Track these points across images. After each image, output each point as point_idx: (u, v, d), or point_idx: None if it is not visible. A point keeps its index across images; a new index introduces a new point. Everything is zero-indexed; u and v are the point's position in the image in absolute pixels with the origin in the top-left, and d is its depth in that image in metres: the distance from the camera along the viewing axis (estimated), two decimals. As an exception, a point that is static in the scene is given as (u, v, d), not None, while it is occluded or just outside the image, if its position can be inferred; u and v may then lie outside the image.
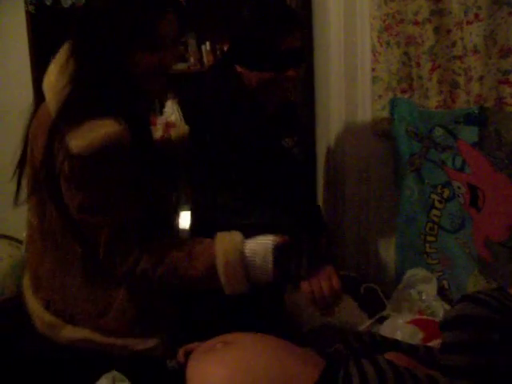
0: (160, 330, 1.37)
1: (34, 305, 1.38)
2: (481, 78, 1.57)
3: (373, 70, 1.91)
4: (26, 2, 2.93)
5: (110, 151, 1.18)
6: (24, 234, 1.50)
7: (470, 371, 0.96)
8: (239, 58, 1.56)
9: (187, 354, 1.19)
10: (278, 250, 1.28)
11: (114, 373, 1.23)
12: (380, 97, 1.91)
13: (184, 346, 1.23)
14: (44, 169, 1.23)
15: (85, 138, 1.16)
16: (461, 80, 1.64)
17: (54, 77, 1.28)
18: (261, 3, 1.56)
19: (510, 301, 1.02)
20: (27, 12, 2.93)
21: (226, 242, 1.29)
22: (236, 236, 1.30)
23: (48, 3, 2.93)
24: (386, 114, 1.89)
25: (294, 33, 1.52)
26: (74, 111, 1.21)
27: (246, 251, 1.28)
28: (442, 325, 1.03)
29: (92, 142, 1.16)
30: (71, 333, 1.33)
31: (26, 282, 1.43)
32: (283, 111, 1.67)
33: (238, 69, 1.56)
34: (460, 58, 1.63)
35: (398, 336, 1.47)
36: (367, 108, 1.96)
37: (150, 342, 1.34)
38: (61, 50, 1.33)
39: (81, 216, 1.23)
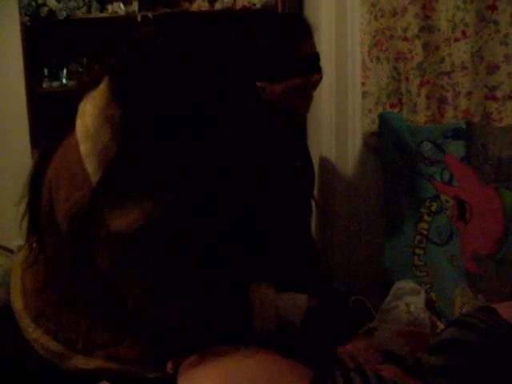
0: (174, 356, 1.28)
1: (35, 333, 1.29)
2: (468, 94, 1.61)
3: (363, 84, 1.94)
4: (20, 14, 2.95)
5: (150, 229, 1.10)
6: (15, 243, 1.47)
7: None
8: (260, 72, 1.45)
9: (176, 367, 1.19)
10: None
11: (104, 383, 1.23)
12: (370, 111, 1.93)
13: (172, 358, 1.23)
14: (73, 228, 1.14)
15: (125, 217, 1.08)
16: (449, 95, 1.68)
17: (92, 122, 1.14)
18: (268, 16, 1.52)
19: (498, 323, 1.04)
20: (22, 23, 2.95)
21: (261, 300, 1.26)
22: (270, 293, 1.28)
23: (43, 15, 2.95)
24: (375, 127, 1.91)
25: (310, 37, 1.50)
26: (117, 182, 1.10)
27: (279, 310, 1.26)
28: (430, 348, 1.04)
29: (133, 222, 1.08)
30: (83, 363, 1.26)
31: (18, 305, 1.34)
32: (293, 126, 1.62)
33: (259, 84, 1.45)
34: (448, 73, 1.67)
35: (387, 347, 1.48)
36: (357, 122, 1.98)
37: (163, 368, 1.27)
38: (100, 86, 1.17)
39: (110, 273, 1.16)
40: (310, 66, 1.47)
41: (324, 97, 2.06)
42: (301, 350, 1.27)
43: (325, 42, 2.01)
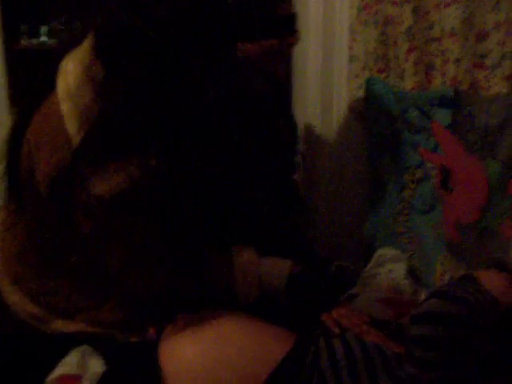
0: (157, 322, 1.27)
1: (13, 296, 1.27)
2: (457, 61, 1.59)
3: (350, 48, 1.90)
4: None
5: (133, 195, 1.06)
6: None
7: (438, 366, 0.98)
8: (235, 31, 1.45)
9: (158, 332, 1.19)
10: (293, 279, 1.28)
11: (85, 347, 1.22)
12: (357, 76, 1.90)
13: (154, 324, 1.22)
14: (54, 192, 1.11)
15: (108, 180, 1.04)
16: (437, 62, 1.66)
17: (74, 81, 1.09)
18: None
19: (479, 293, 1.05)
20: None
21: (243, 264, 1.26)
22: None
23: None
24: (362, 93, 1.89)
25: None
26: (99, 145, 1.06)
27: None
28: (412, 318, 1.05)
29: (115, 186, 1.04)
30: (62, 326, 1.25)
31: None
32: (273, 89, 1.61)
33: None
34: (437, 39, 1.65)
35: (368, 314, 1.49)
36: (343, 87, 1.96)
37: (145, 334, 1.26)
38: (84, 44, 1.12)
39: (91, 239, 1.14)
40: (286, 27, 1.44)
41: (310, 60, 2.02)
42: (284, 316, 1.28)
43: (312, 4, 1.97)
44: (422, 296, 1.62)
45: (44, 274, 1.27)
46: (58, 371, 1.18)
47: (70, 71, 1.11)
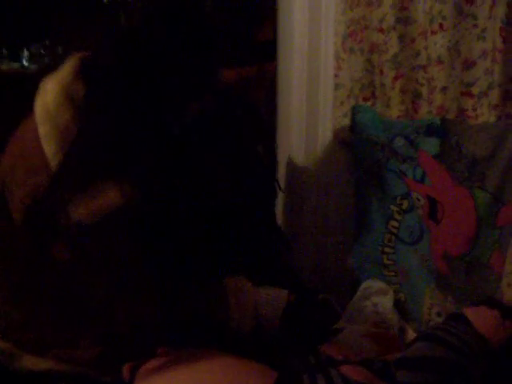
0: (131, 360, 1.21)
1: None
2: (444, 89, 1.56)
3: (335, 76, 1.88)
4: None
5: (112, 220, 1.04)
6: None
7: None
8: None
9: (133, 371, 1.12)
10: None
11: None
12: (342, 103, 1.87)
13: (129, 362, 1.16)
14: (29, 218, 1.07)
15: (87, 206, 1.02)
16: (424, 90, 1.63)
17: (53, 100, 1.06)
18: None
19: (469, 335, 1.01)
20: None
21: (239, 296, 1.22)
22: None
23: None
24: (347, 121, 1.86)
25: (267, 23, 1.43)
26: (79, 169, 1.03)
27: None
28: (398, 362, 1.01)
29: (95, 212, 1.02)
30: (32, 364, 1.19)
31: None
32: (247, 114, 1.58)
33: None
34: (424, 67, 1.62)
35: (353, 349, 1.44)
36: (328, 115, 1.93)
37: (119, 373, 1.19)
38: (66, 65, 1.10)
39: (70, 268, 1.09)
40: (266, 54, 1.41)
41: (294, 88, 1.99)
42: (277, 350, 1.23)
43: (296, 31, 1.95)
44: (409, 333, 1.57)
45: (13, 308, 1.19)
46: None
47: (49, 90, 1.08)
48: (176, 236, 1.16)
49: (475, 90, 1.52)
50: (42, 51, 3.00)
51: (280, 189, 1.63)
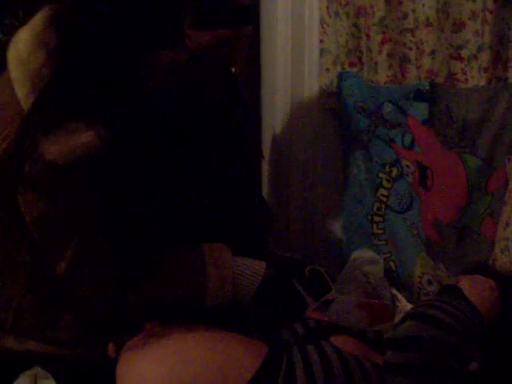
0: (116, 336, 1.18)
1: None
2: (432, 53, 1.52)
3: (321, 41, 1.83)
4: None
5: (87, 163, 0.99)
6: None
7: None
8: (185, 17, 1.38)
9: (118, 348, 1.09)
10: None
11: (37, 369, 1.12)
12: (328, 70, 1.83)
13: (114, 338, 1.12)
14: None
15: (62, 144, 0.97)
16: (412, 54, 1.58)
17: (25, 47, 1.04)
18: None
19: (462, 310, 0.99)
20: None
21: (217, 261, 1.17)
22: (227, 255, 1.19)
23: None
24: (333, 88, 1.82)
25: None
26: (53, 107, 1.00)
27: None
28: (387, 342, 0.99)
29: (70, 151, 0.98)
30: (12, 344, 1.16)
31: None
32: (223, 81, 1.54)
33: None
34: (411, 30, 1.57)
35: (345, 319, 1.43)
36: (314, 82, 1.88)
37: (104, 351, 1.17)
38: (37, 15, 1.08)
39: (39, 226, 1.04)
40: (242, 18, 1.36)
41: (279, 54, 1.94)
42: (252, 323, 1.20)
43: (281, -4, 1.89)
44: (401, 302, 1.56)
45: None
46: (6, 398, 1.08)
47: (21, 39, 1.06)
48: (152, 195, 1.12)
49: (465, 53, 1.48)
50: (16, 22, 2.89)
51: (262, 156, 1.60)
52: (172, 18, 1.05)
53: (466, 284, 1.09)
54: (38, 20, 1.07)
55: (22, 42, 1.05)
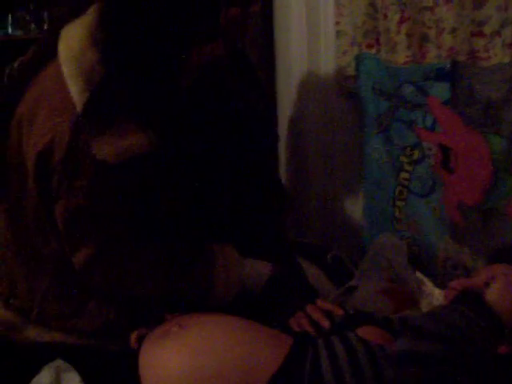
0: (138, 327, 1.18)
1: None
2: (453, 31, 1.49)
3: (337, 23, 1.79)
4: None
5: (136, 164, 1.04)
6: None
7: None
8: None
9: (140, 339, 1.07)
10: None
11: (59, 362, 1.10)
12: (345, 52, 1.80)
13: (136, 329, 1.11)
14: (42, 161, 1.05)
15: (113, 144, 1.02)
16: (431, 33, 1.55)
17: (79, 44, 1.05)
18: None
19: (472, 321, 0.96)
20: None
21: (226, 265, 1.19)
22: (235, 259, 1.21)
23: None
24: (351, 70, 1.79)
25: None
26: (106, 107, 1.03)
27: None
28: (387, 358, 0.96)
29: (121, 151, 1.02)
30: (36, 335, 1.16)
31: None
32: (236, 62, 1.52)
33: None
34: (431, 8, 1.54)
35: (369, 307, 1.40)
36: (331, 65, 1.85)
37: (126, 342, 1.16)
38: (88, 11, 1.10)
39: (75, 218, 1.07)
40: None
41: (293, 38, 1.92)
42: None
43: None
44: (427, 286, 1.53)
45: (18, 273, 1.17)
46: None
47: (73, 36, 1.07)
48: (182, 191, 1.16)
49: (487, 30, 1.45)
50: (27, 17, 2.88)
51: (278, 138, 1.57)
52: (210, 11, 1.06)
53: (496, 287, 1.06)
54: (90, 17, 1.08)
55: (75, 39, 1.06)
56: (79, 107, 1.02)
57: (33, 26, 2.83)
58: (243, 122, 1.37)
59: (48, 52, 1.10)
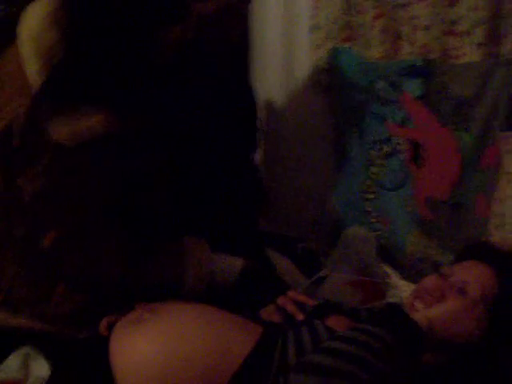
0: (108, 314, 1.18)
1: None
2: (426, 28, 1.51)
3: (312, 16, 1.79)
4: None
5: (93, 146, 1.01)
6: None
7: None
8: None
9: (110, 326, 1.07)
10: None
11: (28, 349, 1.09)
12: (319, 46, 1.80)
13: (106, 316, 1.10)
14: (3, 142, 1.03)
15: (71, 126, 0.99)
16: (405, 29, 1.57)
17: (38, 24, 1.02)
18: None
19: (382, 339, 0.95)
20: None
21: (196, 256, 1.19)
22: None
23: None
24: (325, 64, 1.79)
25: None
26: (65, 88, 1.00)
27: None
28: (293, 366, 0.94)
29: (78, 133, 0.99)
30: (3, 320, 1.15)
31: None
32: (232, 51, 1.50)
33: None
34: (404, 6, 1.55)
35: (337, 297, 1.42)
36: (306, 58, 1.85)
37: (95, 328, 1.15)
38: None
39: (37, 201, 1.05)
40: None
41: (269, 30, 1.91)
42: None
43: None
44: (393, 279, 1.55)
45: None
46: (-3, 377, 1.06)
47: (33, 16, 1.04)
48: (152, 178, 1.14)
49: (459, 28, 1.47)
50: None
51: (260, 129, 1.57)
52: None
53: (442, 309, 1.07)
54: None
55: (35, 19, 1.03)
56: (35, 88, 1.00)
57: (1, 7, 2.78)
58: (220, 108, 1.36)
59: (10, 34, 1.07)
